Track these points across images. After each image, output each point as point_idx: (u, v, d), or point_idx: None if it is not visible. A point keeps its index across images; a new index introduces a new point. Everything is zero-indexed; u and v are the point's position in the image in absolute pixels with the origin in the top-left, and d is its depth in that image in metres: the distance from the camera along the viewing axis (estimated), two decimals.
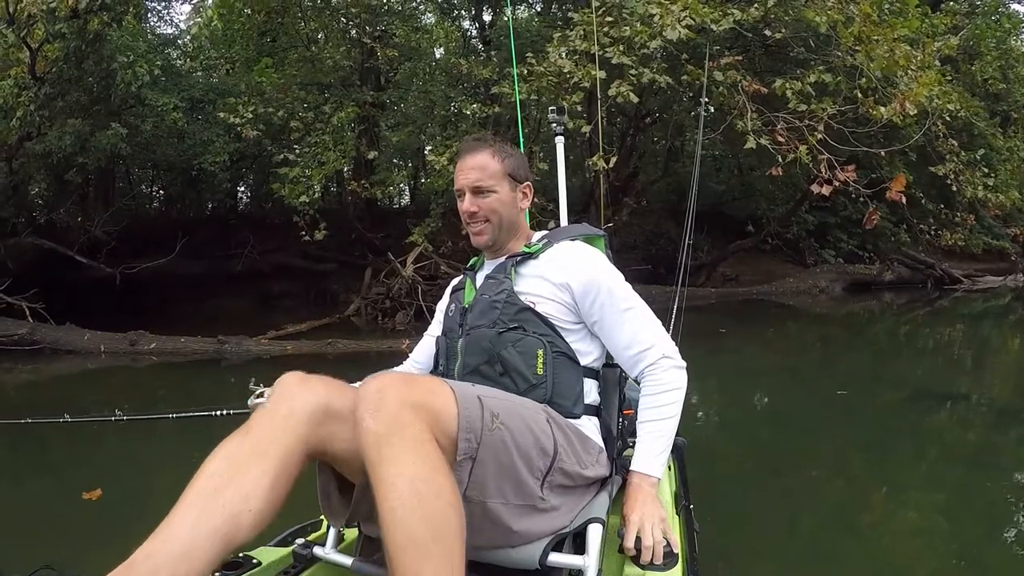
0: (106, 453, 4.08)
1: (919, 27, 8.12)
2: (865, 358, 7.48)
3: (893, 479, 3.53)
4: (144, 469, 3.73)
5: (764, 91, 7.17)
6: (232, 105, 8.81)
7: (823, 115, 6.63)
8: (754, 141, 6.55)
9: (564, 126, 2.75)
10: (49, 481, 3.74)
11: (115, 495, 3.25)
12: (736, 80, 6.99)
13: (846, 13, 6.68)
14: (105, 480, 3.38)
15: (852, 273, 14.51)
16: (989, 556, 2.67)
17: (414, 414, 1.13)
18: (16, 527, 2.97)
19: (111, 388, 6.46)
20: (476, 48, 13.98)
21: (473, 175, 1.65)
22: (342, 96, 9.37)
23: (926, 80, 7.82)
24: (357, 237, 12.23)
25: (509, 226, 1.70)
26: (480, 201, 1.65)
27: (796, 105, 6.73)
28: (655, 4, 6.15)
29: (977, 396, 5.67)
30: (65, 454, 4.08)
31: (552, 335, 1.55)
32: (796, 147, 6.39)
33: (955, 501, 3.25)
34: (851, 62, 6.82)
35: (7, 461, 4.03)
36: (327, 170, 8.59)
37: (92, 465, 3.88)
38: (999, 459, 3.93)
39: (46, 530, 2.96)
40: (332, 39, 10.46)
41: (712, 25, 6.48)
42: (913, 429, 4.56)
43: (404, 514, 1.06)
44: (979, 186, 10.69)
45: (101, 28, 6.64)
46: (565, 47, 7.23)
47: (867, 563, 2.59)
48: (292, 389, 1.24)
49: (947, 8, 12.59)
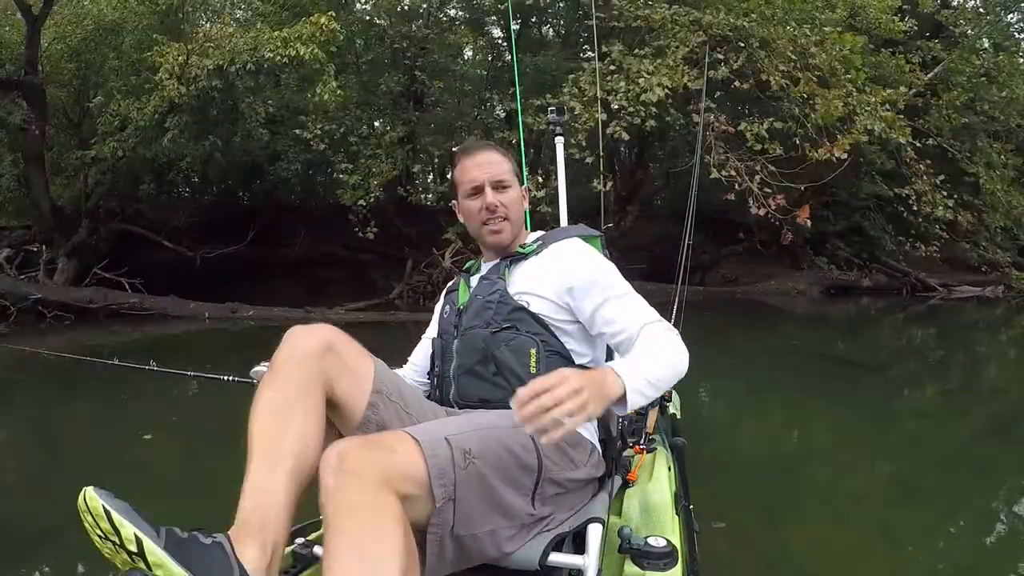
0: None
1: (865, 79, 10.45)
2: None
3: (893, 472, 3.87)
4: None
5: (732, 131, 9.58)
6: (303, 122, 11.35)
7: (771, 153, 9.06)
8: (717, 172, 8.98)
9: (563, 126, 2.90)
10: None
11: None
12: (709, 121, 9.42)
13: (794, 77, 9.10)
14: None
15: (832, 278, 16.74)
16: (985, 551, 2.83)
17: (374, 486, 1.15)
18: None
19: (220, 346, 8.98)
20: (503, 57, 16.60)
21: (492, 169, 1.71)
22: (393, 117, 11.92)
23: (888, 118, 10.26)
24: (396, 232, 14.75)
25: (519, 225, 1.77)
26: (501, 196, 1.70)
27: (753, 145, 9.15)
28: (642, 73, 8.58)
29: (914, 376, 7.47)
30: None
31: (546, 334, 1.61)
32: (744, 180, 8.80)
33: (957, 494, 3.47)
34: (797, 112, 9.24)
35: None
36: (381, 180, 11.13)
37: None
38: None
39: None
40: (382, 65, 13.00)
41: (689, 84, 8.92)
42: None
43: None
44: (939, 206, 13.04)
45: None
46: (577, 88, 9.68)
47: (867, 563, 2.66)
48: (300, 336, 1.41)
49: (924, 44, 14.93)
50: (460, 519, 1.28)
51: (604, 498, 1.59)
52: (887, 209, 16.14)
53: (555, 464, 1.48)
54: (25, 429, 4.99)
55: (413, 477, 1.22)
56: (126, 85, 9.99)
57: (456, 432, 1.34)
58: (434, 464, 1.25)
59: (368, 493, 1.14)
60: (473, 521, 1.31)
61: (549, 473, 1.46)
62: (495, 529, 1.35)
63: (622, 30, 10.62)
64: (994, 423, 5.28)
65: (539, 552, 1.39)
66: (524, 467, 1.41)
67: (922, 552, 2.81)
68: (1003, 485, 3.73)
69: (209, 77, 8.75)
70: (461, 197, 1.76)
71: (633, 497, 1.78)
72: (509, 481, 1.38)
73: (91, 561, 2.52)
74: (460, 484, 1.28)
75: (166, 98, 8.84)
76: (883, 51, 13.54)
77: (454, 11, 15.12)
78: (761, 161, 9.02)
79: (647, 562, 1.48)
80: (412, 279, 12.47)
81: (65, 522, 2.13)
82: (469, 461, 1.30)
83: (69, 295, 10.36)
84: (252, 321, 9.75)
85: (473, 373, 1.65)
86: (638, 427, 2.19)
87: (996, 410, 5.75)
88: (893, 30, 12.28)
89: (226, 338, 9.17)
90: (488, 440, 1.38)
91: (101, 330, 9.63)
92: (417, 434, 1.29)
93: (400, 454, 1.23)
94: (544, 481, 1.44)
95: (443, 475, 1.25)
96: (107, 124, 9.91)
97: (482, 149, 1.76)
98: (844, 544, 2.84)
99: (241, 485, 1.22)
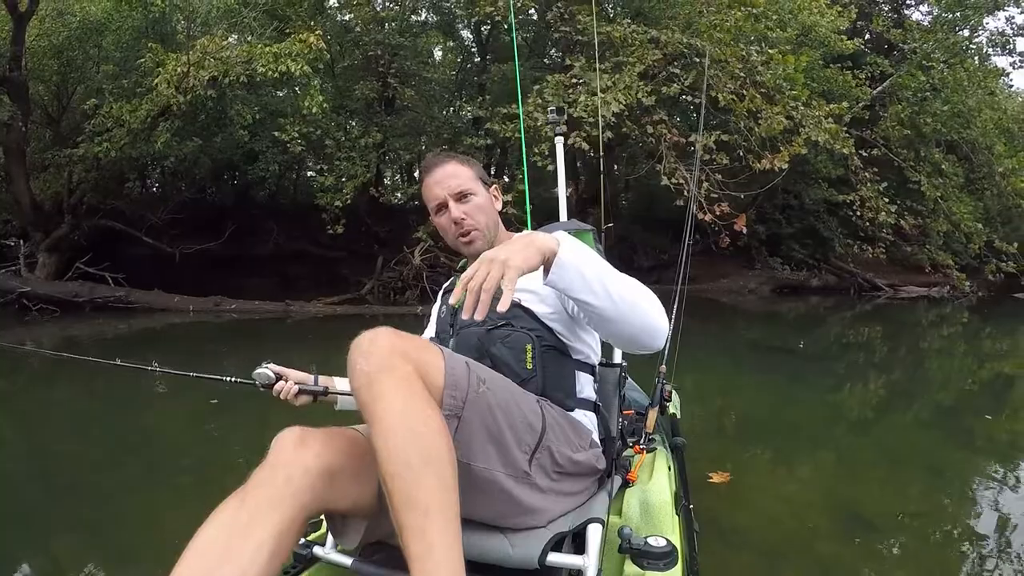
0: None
1: (808, 96, 11.73)
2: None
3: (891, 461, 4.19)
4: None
5: (684, 141, 10.76)
6: (282, 125, 12.25)
7: (719, 164, 10.29)
8: (668, 180, 10.15)
9: (563, 126, 3.00)
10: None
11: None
12: (662, 133, 10.58)
13: (739, 93, 10.33)
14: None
15: (781, 278, 18.13)
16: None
17: (403, 359, 1.22)
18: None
19: (206, 337, 9.80)
20: (475, 60, 17.67)
21: (452, 182, 1.75)
22: (367, 122, 12.90)
23: (832, 130, 11.57)
24: (365, 229, 15.72)
25: (494, 228, 1.81)
26: (464, 206, 1.75)
27: (703, 155, 10.33)
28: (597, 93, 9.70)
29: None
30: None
31: (541, 330, 1.65)
32: (690, 187, 9.98)
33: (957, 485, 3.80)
34: (743, 127, 10.50)
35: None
36: (356, 182, 12.11)
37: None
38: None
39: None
40: (357, 71, 13.97)
41: (644, 99, 10.08)
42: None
43: (395, 442, 1.16)
44: (882, 211, 14.43)
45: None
46: (541, 99, 10.75)
47: (866, 561, 2.71)
48: (289, 453, 1.26)
49: (872, 60, 16.37)
50: (459, 441, 1.30)
51: (604, 498, 1.63)
52: (840, 213, 17.49)
53: (556, 437, 1.53)
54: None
55: (430, 376, 1.27)
56: (118, 88, 10.81)
57: (477, 365, 1.41)
58: (451, 375, 1.31)
59: (398, 366, 1.22)
60: (472, 449, 1.34)
61: (550, 441, 1.50)
62: (490, 468, 1.38)
63: (585, 44, 11.76)
64: (919, 385, 6.95)
65: (538, 551, 1.42)
66: (528, 424, 1.46)
67: (931, 549, 2.94)
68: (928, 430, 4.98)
69: (205, 88, 9.70)
70: (432, 215, 1.83)
71: (633, 497, 1.82)
72: (512, 428, 1.42)
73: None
74: (470, 403, 1.32)
75: (159, 103, 9.73)
76: (832, 67, 14.96)
77: (424, 14, 16.16)
78: (706, 172, 10.21)
79: (647, 562, 1.53)
80: (383, 276, 13.45)
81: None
82: (483, 388, 1.36)
83: (56, 289, 11.11)
84: (235, 314, 10.69)
85: None
86: (638, 427, 2.28)
87: (922, 378, 7.42)
88: (841, 48, 13.63)
89: (212, 330, 10.01)
90: (501, 384, 1.45)
91: (88, 323, 10.33)
92: (442, 348, 1.36)
93: (428, 351, 1.31)
94: (544, 448, 1.48)
95: (456, 387, 1.31)
96: (99, 125, 10.71)
97: (440, 164, 1.80)
98: (845, 539, 2.98)
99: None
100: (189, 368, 1.99)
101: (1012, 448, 4.54)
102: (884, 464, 4.13)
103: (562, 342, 1.68)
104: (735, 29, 11.14)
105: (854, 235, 17.73)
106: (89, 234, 13.14)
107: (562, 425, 1.57)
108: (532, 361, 1.62)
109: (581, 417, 1.68)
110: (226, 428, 4.66)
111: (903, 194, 16.47)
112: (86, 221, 12.89)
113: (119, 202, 13.78)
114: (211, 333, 9.86)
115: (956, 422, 5.37)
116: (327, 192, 12.13)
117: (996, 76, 17.89)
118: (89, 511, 3.21)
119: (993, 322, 14.11)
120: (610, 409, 1.83)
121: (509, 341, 1.63)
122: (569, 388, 1.68)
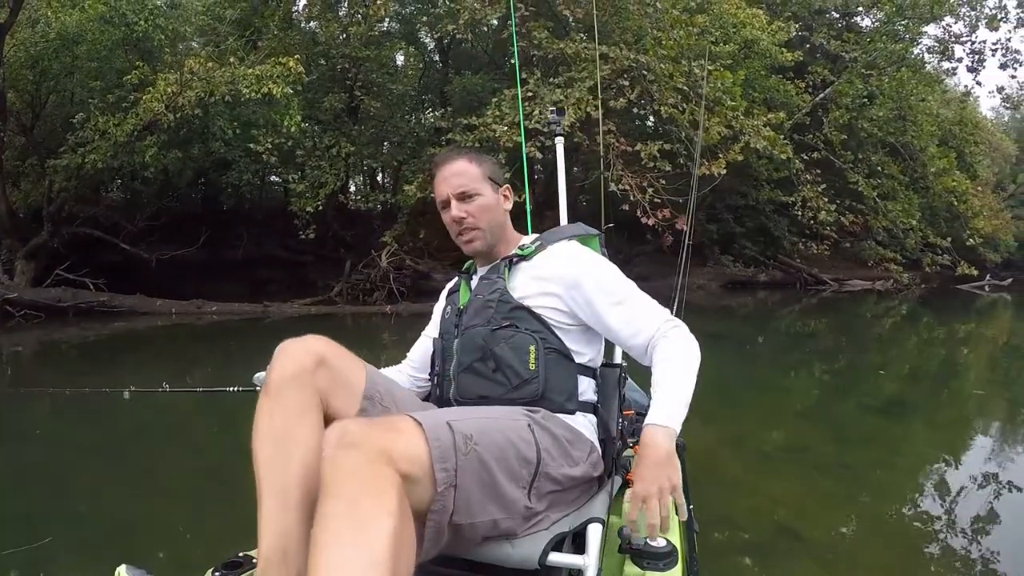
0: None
1: (745, 107, 13.12)
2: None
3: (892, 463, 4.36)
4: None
5: (631, 149, 12.03)
6: (255, 136, 13.20)
7: (661, 170, 11.62)
8: (614, 186, 11.42)
9: (562, 126, 3.10)
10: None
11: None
12: (610, 142, 11.84)
13: (680, 107, 11.69)
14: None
15: (730, 274, 19.53)
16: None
17: (387, 464, 1.19)
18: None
19: (190, 338, 10.74)
20: (438, 68, 18.80)
21: (456, 181, 1.80)
22: (337, 133, 13.98)
23: (771, 137, 12.96)
24: (332, 234, 16.74)
25: (498, 229, 1.85)
26: (467, 206, 1.80)
27: (647, 162, 11.63)
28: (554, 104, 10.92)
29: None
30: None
31: (545, 332, 1.70)
32: (635, 194, 11.28)
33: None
34: (683, 137, 11.86)
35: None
36: (327, 190, 13.20)
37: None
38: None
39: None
40: (325, 83, 15.04)
41: (593, 112, 11.32)
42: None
43: (336, 551, 1.10)
44: (823, 210, 15.93)
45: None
46: (499, 112, 11.93)
47: (867, 560, 2.84)
48: (292, 351, 1.49)
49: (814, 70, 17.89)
50: (460, 506, 1.32)
51: (604, 498, 1.66)
52: (789, 212, 18.90)
53: (553, 459, 1.55)
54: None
55: (415, 458, 1.26)
56: (103, 102, 11.67)
57: (458, 418, 1.40)
58: (436, 447, 1.29)
59: (369, 462, 1.18)
60: (472, 509, 1.36)
61: (547, 467, 1.53)
62: (491, 520, 1.41)
63: (540, 58, 12.97)
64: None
65: (539, 551, 1.44)
66: (523, 459, 1.48)
67: (932, 548, 3.06)
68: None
69: (193, 107, 10.72)
70: (439, 210, 1.87)
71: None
72: (508, 470, 1.44)
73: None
74: (461, 469, 1.32)
75: (145, 117, 10.68)
76: (775, 77, 16.40)
77: (387, 23, 17.18)
78: (648, 178, 11.51)
79: (647, 562, 1.56)
80: (351, 278, 14.57)
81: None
82: (470, 447, 1.35)
83: (40, 295, 11.85)
84: (215, 316, 11.69)
85: (472, 370, 1.73)
86: (638, 427, 2.19)
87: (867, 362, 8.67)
88: (782, 60, 15.04)
89: (196, 331, 10.92)
90: (488, 428, 1.45)
91: (72, 328, 10.99)
92: (419, 417, 1.33)
93: (403, 434, 1.28)
94: (541, 476, 1.51)
95: (445, 459, 1.30)
96: (84, 138, 11.46)
97: (449, 161, 1.84)
98: (846, 537, 3.17)
99: (256, 511, 1.35)
100: (195, 384, 2.26)
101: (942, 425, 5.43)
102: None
103: (565, 346, 1.73)
104: (679, 46, 12.45)
105: (801, 233, 19.29)
106: (67, 241, 13.68)
107: (560, 443, 1.61)
108: (535, 362, 1.68)
109: (581, 420, 1.74)
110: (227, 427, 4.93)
111: (846, 194, 18.04)
112: (65, 228, 13.56)
113: (96, 209, 14.55)
114: (194, 334, 10.75)
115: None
116: (299, 198, 13.19)
117: (931, 82, 19.57)
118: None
119: (932, 312, 15.69)
120: (610, 409, 1.86)
121: (513, 342, 1.69)
122: (570, 391, 1.73)
